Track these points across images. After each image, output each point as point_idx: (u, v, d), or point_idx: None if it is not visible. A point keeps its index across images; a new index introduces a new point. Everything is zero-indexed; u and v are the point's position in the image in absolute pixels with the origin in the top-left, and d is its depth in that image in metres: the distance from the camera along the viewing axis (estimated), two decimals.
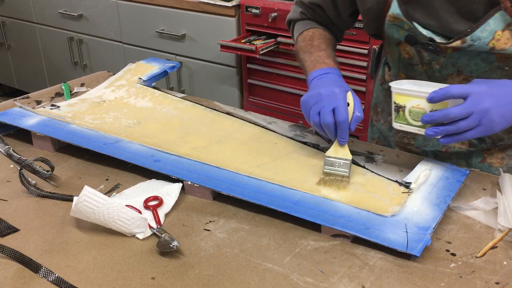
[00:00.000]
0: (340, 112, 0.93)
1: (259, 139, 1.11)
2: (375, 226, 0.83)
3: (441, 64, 1.01)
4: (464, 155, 1.12)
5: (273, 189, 0.93)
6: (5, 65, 3.54)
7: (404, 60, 1.08)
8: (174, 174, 0.98)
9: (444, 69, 1.02)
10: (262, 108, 2.40)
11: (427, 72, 1.05)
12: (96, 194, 0.84)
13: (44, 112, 1.21)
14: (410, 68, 1.08)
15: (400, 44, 1.05)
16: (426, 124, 0.89)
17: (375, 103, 1.27)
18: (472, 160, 1.12)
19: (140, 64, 1.44)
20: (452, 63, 1.01)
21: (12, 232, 0.87)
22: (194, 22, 2.44)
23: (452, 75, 1.02)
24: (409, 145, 1.18)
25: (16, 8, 3.23)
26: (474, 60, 0.98)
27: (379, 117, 1.25)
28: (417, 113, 0.90)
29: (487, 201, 0.91)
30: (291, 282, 0.75)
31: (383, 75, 1.23)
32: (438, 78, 1.04)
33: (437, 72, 1.03)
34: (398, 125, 0.94)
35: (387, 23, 1.01)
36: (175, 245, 0.81)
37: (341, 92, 0.94)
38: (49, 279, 0.77)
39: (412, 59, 1.05)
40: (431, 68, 1.03)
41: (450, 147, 1.12)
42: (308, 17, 1.17)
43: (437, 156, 1.14)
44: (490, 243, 0.82)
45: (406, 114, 0.92)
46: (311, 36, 1.12)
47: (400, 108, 0.92)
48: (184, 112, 1.23)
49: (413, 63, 1.06)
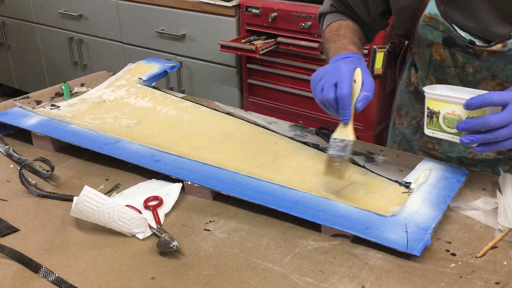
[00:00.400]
0: (341, 86, 0.86)
1: (259, 139, 1.11)
2: (375, 226, 0.83)
3: (475, 68, 0.98)
4: (491, 162, 1.09)
5: (273, 189, 0.93)
6: (5, 65, 3.54)
7: (436, 62, 1.04)
8: (174, 174, 0.98)
9: (478, 73, 0.99)
10: (262, 108, 2.40)
11: (460, 75, 1.01)
12: (96, 194, 0.84)
13: (44, 112, 1.21)
14: (441, 70, 1.04)
15: (432, 45, 1.02)
16: (461, 132, 0.85)
17: (398, 105, 1.24)
18: (498, 168, 1.10)
19: (140, 64, 1.44)
20: (487, 67, 0.97)
21: (12, 232, 0.87)
22: (194, 22, 2.44)
23: (486, 79, 0.99)
24: (433, 150, 1.16)
25: (16, 8, 3.23)
26: (511, 65, 0.95)
27: (403, 120, 1.22)
28: (452, 119, 0.87)
29: (487, 201, 0.91)
30: (291, 282, 0.75)
31: (408, 77, 1.20)
32: (471, 82, 1.01)
33: (470, 75, 1.00)
34: (431, 131, 0.91)
35: (421, 24, 0.98)
36: (175, 245, 0.81)
37: (346, 67, 0.88)
38: (49, 279, 0.77)
39: (445, 61, 1.02)
40: (464, 72, 1.00)
41: (477, 154, 1.09)
42: (337, 10, 1.14)
43: (462, 162, 1.12)
44: (490, 243, 0.82)
45: (440, 120, 0.89)
46: (338, 26, 1.09)
47: (434, 114, 0.89)
48: (184, 112, 1.23)
49: (445, 66, 1.03)
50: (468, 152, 1.11)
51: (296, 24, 2.11)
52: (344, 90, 0.86)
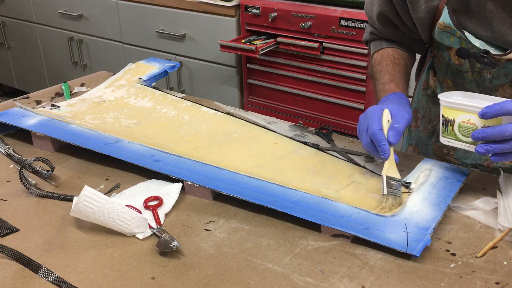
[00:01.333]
0: (370, 126, 0.89)
1: (259, 139, 1.11)
2: (375, 226, 0.83)
3: (493, 74, 0.97)
4: (508, 171, 1.07)
5: (273, 189, 0.93)
6: (5, 65, 3.54)
7: (453, 66, 1.04)
8: (174, 174, 0.98)
9: (496, 79, 0.98)
10: (262, 108, 2.40)
11: (477, 81, 1.01)
12: (96, 194, 0.84)
13: (44, 112, 1.21)
14: (459, 75, 1.04)
15: (450, 49, 1.02)
16: (476, 141, 0.84)
17: (415, 108, 1.23)
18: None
19: (140, 64, 1.44)
20: (505, 73, 0.96)
21: (12, 232, 0.87)
22: (194, 22, 2.44)
23: (503, 85, 0.98)
24: (448, 155, 1.15)
25: (16, 8, 3.23)
26: None
27: (419, 123, 1.22)
28: (468, 128, 0.86)
29: (487, 201, 0.91)
30: (291, 282, 0.75)
31: (427, 79, 1.19)
32: (488, 88, 1.00)
33: (487, 81, 0.99)
34: (446, 140, 0.90)
35: (437, 30, 0.97)
36: (175, 245, 0.81)
37: (374, 110, 0.91)
38: (49, 279, 0.77)
39: (462, 66, 1.01)
40: (482, 77, 0.99)
41: (492, 162, 1.09)
42: (378, 36, 1.13)
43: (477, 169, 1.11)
44: (490, 243, 0.82)
45: (455, 129, 0.87)
46: (380, 59, 1.09)
47: (449, 123, 0.88)
48: (184, 112, 1.23)
49: (462, 70, 1.02)
50: (484, 160, 1.10)
51: (296, 24, 2.11)
52: (373, 128, 0.89)
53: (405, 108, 0.94)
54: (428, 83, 1.18)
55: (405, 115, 0.91)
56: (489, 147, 0.83)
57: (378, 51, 1.11)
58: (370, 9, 1.09)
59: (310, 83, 2.21)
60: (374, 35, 1.13)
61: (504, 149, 0.82)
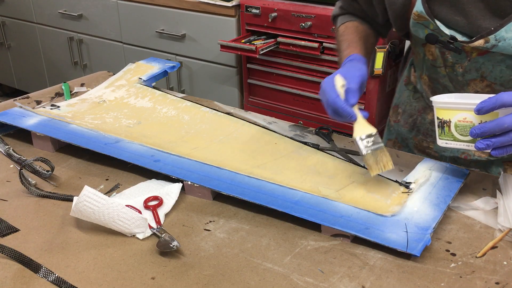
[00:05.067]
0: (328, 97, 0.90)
1: (259, 139, 1.11)
2: (375, 226, 0.83)
3: (465, 68, 0.98)
4: (484, 164, 1.09)
5: (273, 189, 0.93)
6: (5, 65, 3.54)
7: (428, 62, 1.05)
8: (174, 174, 0.98)
9: (468, 73, 0.99)
10: (262, 108, 2.40)
11: (450, 75, 1.01)
12: (96, 194, 0.84)
13: (44, 112, 1.21)
14: (433, 70, 1.05)
15: (425, 45, 1.02)
16: (475, 138, 0.83)
17: (396, 103, 1.25)
18: (491, 170, 1.09)
19: (140, 64, 1.44)
20: (476, 68, 0.97)
21: (12, 232, 0.87)
22: (194, 22, 2.44)
23: (475, 80, 0.99)
24: (428, 149, 1.16)
25: (16, 8, 3.23)
26: (499, 67, 0.95)
27: (399, 118, 1.22)
28: (465, 127, 0.84)
29: (487, 201, 0.91)
30: (291, 282, 0.75)
31: (408, 75, 1.21)
32: (460, 83, 1.01)
33: (460, 76, 1.00)
34: (444, 142, 0.88)
35: (412, 22, 0.98)
36: (175, 245, 0.81)
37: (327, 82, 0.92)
38: (49, 279, 0.77)
39: (436, 60, 1.02)
40: (454, 72, 1.00)
41: (469, 155, 1.09)
42: (347, 11, 1.15)
43: (456, 162, 1.11)
44: (490, 243, 0.82)
45: (452, 129, 0.86)
46: (343, 31, 1.11)
47: (445, 124, 0.87)
48: (184, 112, 1.23)
49: (436, 65, 1.03)
50: (461, 152, 1.11)
51: (296, 24, 2.11)
52: (331, 98, 0.90)
53: (356, 66, 0.94)
54: (410, 78, 1.20)
55: (355, 72, 0.92)
56: (489, 141, 0.81)
57: (344, 23, 1.13)
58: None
59: (310, 83, 2.21)
60: (343, 9, 1.15)
61: (504, 142, 0.81)
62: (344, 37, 1.10)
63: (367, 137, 0.90)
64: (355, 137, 0.90)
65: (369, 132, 0.90)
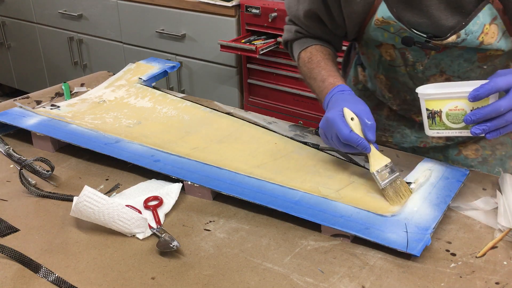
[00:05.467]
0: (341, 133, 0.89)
1: (259, 139, 1.11)
2: (375, 226, 0.83)
3: (425, 65, 1.02)
4: (441, 149, 1.14)
5: (273, 189, 0.93)
6: (5, 65, 3.54)
7: (385, 62, 1.07)
8: (174, 174, 0.98)
9: (428, 70, 1.02)
10: (262, 108, 2.40)
11: (410, 73, 1.05)
12: (96, 194, 0.84)
13: (44, 112, 1.21)
14: (392, 69, 1.08)
15: (381, 46, 1.05)
16: (469, 124, 0.85)
17: None
18: (448, 154, 1.14)
19: (140, 64, 1.44)
20: (435, 64, 1.01)
21: (12, 232, 0.87)
22: (194, 22, 2.44)
23: (435, 75, 1.03)
24: (387, 143, 1.19)
25: (16, 8, 3.23)
26: (457, 61, 0.99)
27: None
28: (456, 115, 0.87)
29: (487, 201, 0.91)
30: (291, 282, 0.75)
31: (356, 75, 1.23)
32: (421, 79, 1.04)
33: (420, 73, 1.03)
34: (435, 132, 0.90)
35: (372, 27, 1.00)
36: (175, 245, 0.81)
37: (335, 114, 0.91)
38: (49, 279, 0.77)
39: (395, 61, 1.05)
40: (415, 69, 1.03)
41: (428, 143, 1.14)
42: (304, 35, 1.12)
43: (415, 151, 1.15)
44: (490, 243, 0.82)
45: (443, 118, 0.88)
46: (309, 57, 1.09)
47: (436, 114, 0.89)
48: (184, 112, 1.23)
49: (395, 65, 1.06)
50: (420, 141, 1.15)
51: None
52: (344, 133, 0.89)
53: (357, 100, 0.95)
54: (358, 78, 1.22)
55: (361, 106, 0.92)
56: (485, 126, 0.84)
57: (306, 49, 1.11)
58: (295, 8, 1.09)
59: None
60: (300, 33, 1.12)
61: (498, 125, 0.83)
62: (314, 64, 1.07)
63: (383, 168, 0.90)
64: (373, 171, 0.90)
65: (385, 163, 0.91)
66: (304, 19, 1.09)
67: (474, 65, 1.00)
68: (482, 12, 0.91)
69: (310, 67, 1.08)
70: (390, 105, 1.16)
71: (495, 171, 1.12)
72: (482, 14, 0.91)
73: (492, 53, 0.98)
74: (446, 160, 1.12)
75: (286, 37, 1.16)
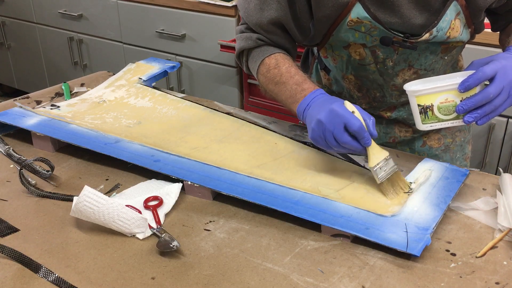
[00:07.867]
0: (352, 123, 0.87)
1: (259, 139, 1.11)
2: (375, 226, 0.83)
3: (394, 61, 1.05)
4: (408, 142, 1.20)
5: (273, 189, 0.93)
6: (5, 65, 3.54)
7: (355, 62, 1.09)
8: (174, 174, 0.98)
9: (397, 65, 1.06)
10: (262, 108, 2.40)
11: (380, 70, 1.08)
12: (96, 194, 0.84)
13: (44, 112, 1.21)
14: (361, 68, 1.09)
15: (349, 47, 1.06)
16: (461, 114, 0.89)
17: None
18: (414, 146, 1.20)
19: (140, 64, 1.44)
20: (404, 59, 1.05)
21: (12, 232, 0.87)
22: (194, 22, 2.44)
23: (403, 69, 1.07)
24: None
25: (16, 8, 3.23)
26: (424, 54, 1.04)
27: None
28: (448, 107, 0.90)
29: (487, 201, 0.91)
30: (291, 282, 0.75)
31: (318, 79, 1.26)
32: (390, 75, 1.08)
33: (390, 69, 1.07)
34: (429, 125, 0.93)
35: (345, 28, 1.00)
36: (175, 245, 0.81)
37: (339, 106, 0.89)
38: (49, 279, 0.77)
39: (364, 59, 1.07)
40: (385, 66, 1.06)
41: (396, 137, 1.19)
42: (265, 43, 1.09)
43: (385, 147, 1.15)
44: (490, 243, 0.82)
45: (435, 112, 0.91)
46: (276, 63, 1.06)
47: (428, 109, 0.91)
48: (184, 112, 1.23)
49: (365, 64, 1.08)
50: (389, 137, 1.20)
51: None
52: (355, 124, 0.87)
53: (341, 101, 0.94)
54: (322, 82, 1.25)
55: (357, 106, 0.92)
56: (476, 114, 0.88)
57: (270, 56, 1.08)
58: (256, 17, 1.06)
59: None
60: (261, 41, 1.09)
61: (488, 110, 0.88)
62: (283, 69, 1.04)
63: (381, 162, 0.90)
64: (371, 166, 0.90)
65: (383, 156, 0.91)
66: (268, 27, 1.06)
67: (438, 57, 1.06)
68: (449, 9, 0.95)
69: (278, 72, 1.05)
70: (358, 104, 1.15)
71: (457, 156, 1.19)
72: (449, 11, 0.95)
73: (453, 44, 1.05)
74: (413, 152, 1.18)
75: (245, 45, 1.10)
